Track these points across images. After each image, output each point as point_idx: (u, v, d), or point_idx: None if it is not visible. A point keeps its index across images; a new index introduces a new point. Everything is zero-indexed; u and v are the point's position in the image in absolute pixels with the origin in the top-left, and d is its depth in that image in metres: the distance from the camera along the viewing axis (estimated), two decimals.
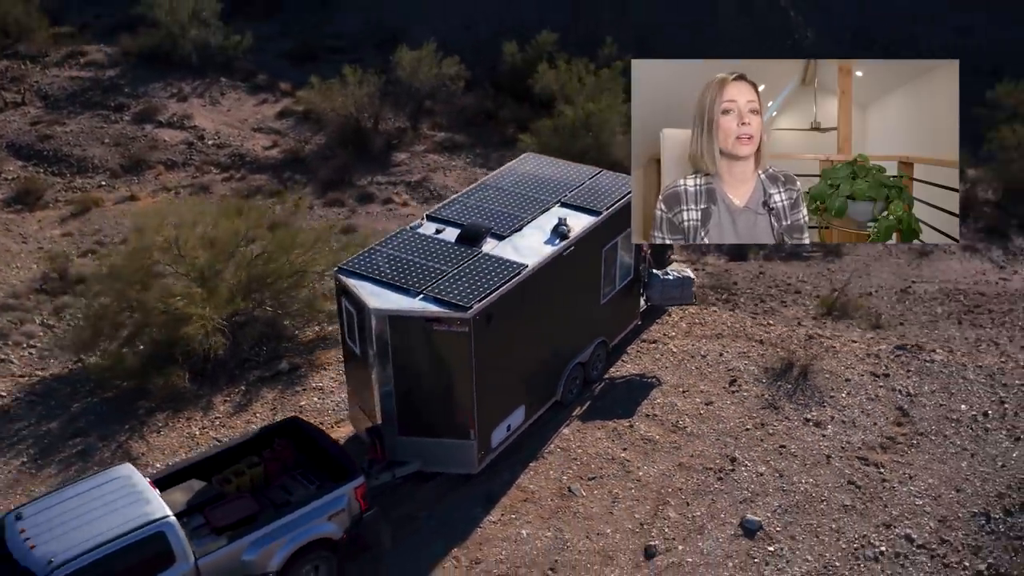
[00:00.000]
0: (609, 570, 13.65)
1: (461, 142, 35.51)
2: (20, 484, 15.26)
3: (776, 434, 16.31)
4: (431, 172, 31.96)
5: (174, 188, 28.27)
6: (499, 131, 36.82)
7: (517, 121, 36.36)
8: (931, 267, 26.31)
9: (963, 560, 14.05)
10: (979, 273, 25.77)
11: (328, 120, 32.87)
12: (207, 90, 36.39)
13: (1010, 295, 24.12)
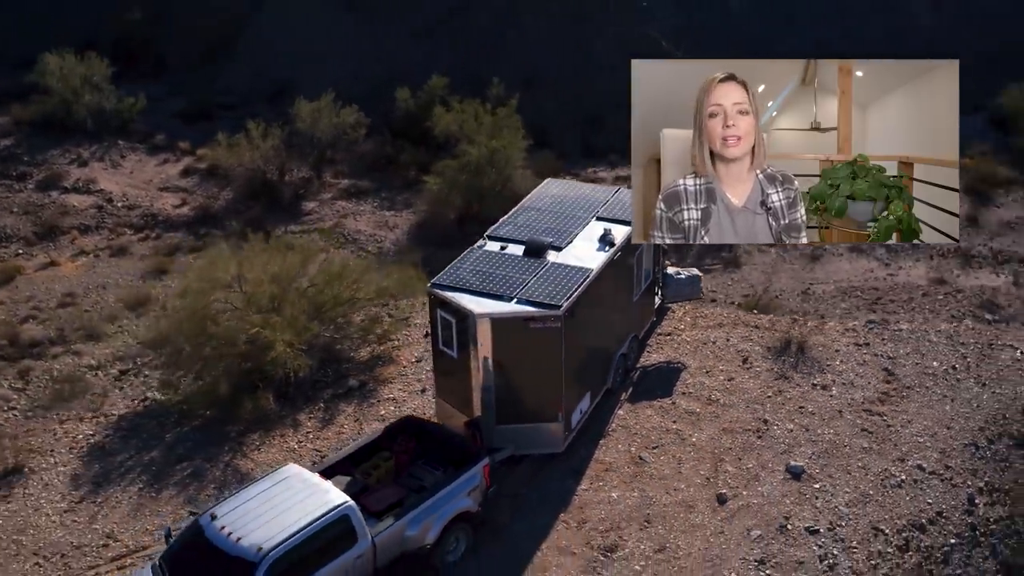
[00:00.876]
0: (693, 516, 16.56)
1: (366, 187, 37.79)
2: (145, 507, 17.10)
3: (793, 398, 19.60)
4: (342, 218, 34.28)
5: (92, 251, 29.66)
6: (401, 175, 39.21)
7: (418, 164, 38.75)
8: (824, 269, 30.13)
9: (965, 480, 17.53)
10: (868, 271, 29.66)
11: (235, 175, 34.49)
12: (106, 154, 37.59)
13: (902, 287, 28.12)
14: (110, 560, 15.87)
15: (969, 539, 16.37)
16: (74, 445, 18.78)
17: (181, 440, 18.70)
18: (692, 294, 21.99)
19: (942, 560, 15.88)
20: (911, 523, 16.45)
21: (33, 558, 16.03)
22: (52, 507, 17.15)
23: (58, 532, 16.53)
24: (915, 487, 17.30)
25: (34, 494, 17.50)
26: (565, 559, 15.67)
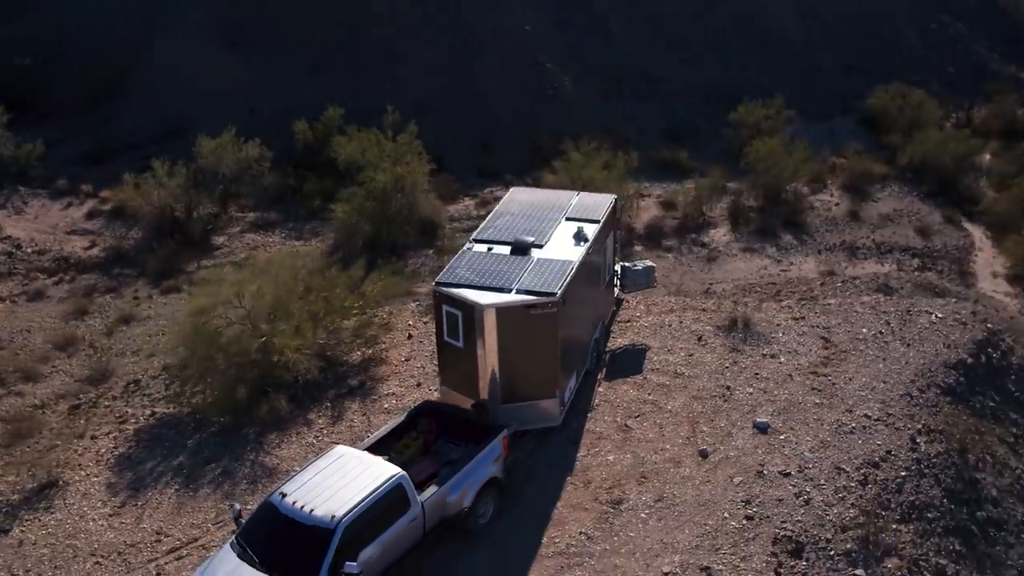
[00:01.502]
0: (681, 470, 19.15)
1: (273, 219, 39.84)
2: (186, 505, 18.82)
3: (748, 367, 22.45)
4: (253, 250, 36.02)
5: (8, 297, 30.73)
6: (306, 205, 41.30)
7: (322, 194, 40.85)
8: (721, 269, 33.46)
9: (905, 424, 20.59)
10: (762, 268, 33.05)
11: (143, 214, 35.63)
12: (8, 200, 38.64)
13: (797, 280, 31.55)
14: (166, 552, 17.55)
15: (916, 471, 19.41)
16: (99, 459, 20.30)
17: (203, 445, 20.43)
18: (648, 284, 24.76)
19: (896, 490, 18.84)
20: (866, 462, 19.38)
21: (91, 558, 17.58)
22: (96, 512, 18.69)
23: (109, 534, 18.11)
24: (865, 432, 20.26)
25: (75, 503, 19.01)
26: (579, 513, 18.05)
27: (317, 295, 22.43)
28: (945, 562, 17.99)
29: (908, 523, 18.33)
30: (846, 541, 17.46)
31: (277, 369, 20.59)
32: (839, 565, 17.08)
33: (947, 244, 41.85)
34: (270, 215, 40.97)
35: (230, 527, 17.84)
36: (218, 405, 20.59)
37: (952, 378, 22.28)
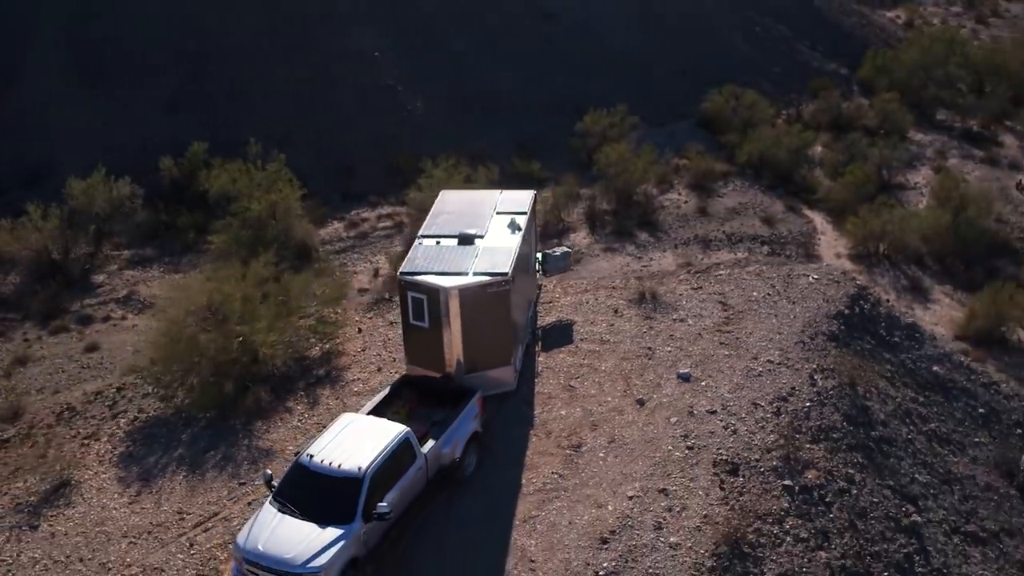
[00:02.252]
0: (625, 416, 22.77)
1: (149, 255, 42.15)
2: (198, 487, 21.37)
3: (662, 331, 26.32)
4: (134, 286, 38.46)
5: None
6: (179, 239, 43.49)
7: (194, 227, 43.03)
8: (586, 269, 37.12)
9: (803, 366, 24.71)
10: (624, 265, 36.79)
11: (20, 259, 37.14)
12: None
13: (659, 273, 35.56)
14: (192, 527, 20.09)
15: (818, 402, 23.54)
16: (101, 459, 22.57)
17: (198, 438, 22.92)
18: (566, 268, 28.41)
19: (804, 417, 22.92)
20: (776, 397, 23.41)
21: (124, 540, 19.96)
22: (116, 503, 21.02)
23: (134, 518, 20.49)
24: (771, 375, 24.33)
25: (93, 497, 21.28)
26: (547, 458, 21.45)
27: (274, 299, 25.15)
28: (852, 471, 22.10)
29: (818, 443, 22.40)
30: (771, 459, 21.37)
31: (256, 364, 23.27)
32: (769, 478, 20.96)
33: (791, 231, 46.87)
34: (145, 251, 42.97)
35: (245, 500, 20.60)
36: (204, 401, 23.11)
37: (834, 327, 26.66)
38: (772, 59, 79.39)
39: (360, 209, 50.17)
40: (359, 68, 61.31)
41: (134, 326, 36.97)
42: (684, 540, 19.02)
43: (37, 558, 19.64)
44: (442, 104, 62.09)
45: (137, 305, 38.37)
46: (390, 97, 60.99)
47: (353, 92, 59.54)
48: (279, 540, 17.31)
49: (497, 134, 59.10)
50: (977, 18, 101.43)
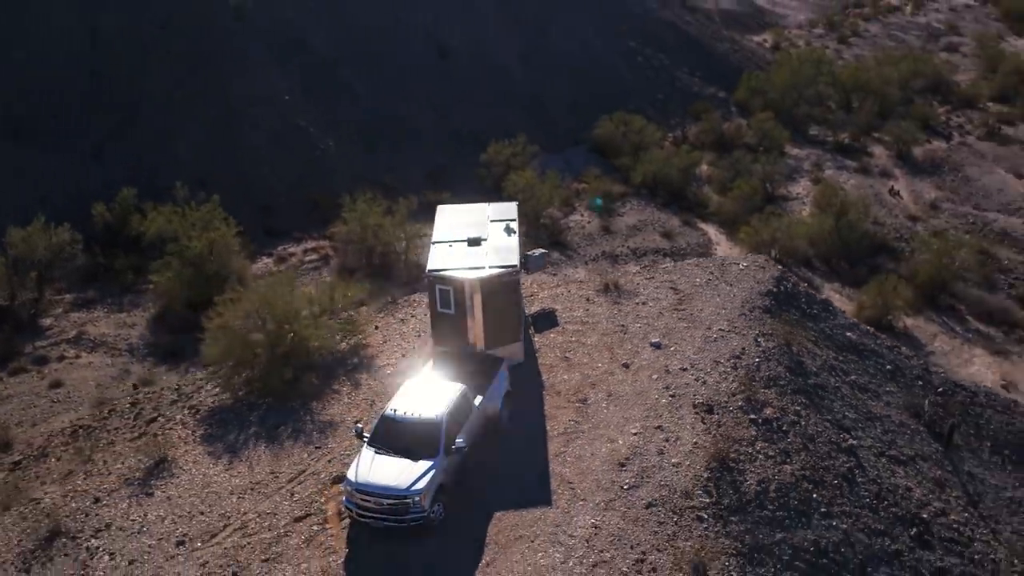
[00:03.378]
0: (616, 377, 28.73)
1: (92, 297, 46.92)
2: (281, 454, 26.51)
3: (630, 312, 32.54)
4: (82, 327, 43.31)
5: None
6: (119, 280, 48.51)
7: (132, 268, 48.27)
8: None
9: (748, 331, 31.19)
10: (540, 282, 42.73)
11: None
12: None
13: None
14: (287, 482, 25.27)
15: (764, 358, 29.95)
16: (185, 441, 27.51)
17: (265, 418, 28.04)
18: (543, 267, 34.46)
19: (756, 369, 29.28)
20: (731, 355, 29.77)
21: (232, 496, 24.99)
22: (214, 471, 26.02)
23: (235, 480, 25.54)
24: (723, 340, 30.71)
25: (191, 468, 26.22)
26: (562, 410, 27.35)
27: (311, 302, 30.54)
28: (799, 408, 28.50)
29: (769, 388, 28.80)
30: (737, 401, 27.65)
31: (306, 356, 28.62)
32: (737, 415, 27.20)
33: (689, 242, 54.13)
34: (87, 294, 47.65)
35: (325, 459, 25.91)
36: (268, 387, 28.32)
37: (767, 302, 33.28)
38: (655, 86, 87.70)
39: (285, 244, 55.66)
40: (271, 111, 66.64)
41: (90, 363, 41.80)
42: (683, 460, 25.08)
43: (162, 515, 24.55)
44: (352, 142, 67.93)
45: (88, 344, 43.25)
46: (303, 138, 66.47)
47: (268, 134, 64.86)
48: (383, 473, 22.76)
49: (406, 168, 65.25)
50: (839, 39, 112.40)
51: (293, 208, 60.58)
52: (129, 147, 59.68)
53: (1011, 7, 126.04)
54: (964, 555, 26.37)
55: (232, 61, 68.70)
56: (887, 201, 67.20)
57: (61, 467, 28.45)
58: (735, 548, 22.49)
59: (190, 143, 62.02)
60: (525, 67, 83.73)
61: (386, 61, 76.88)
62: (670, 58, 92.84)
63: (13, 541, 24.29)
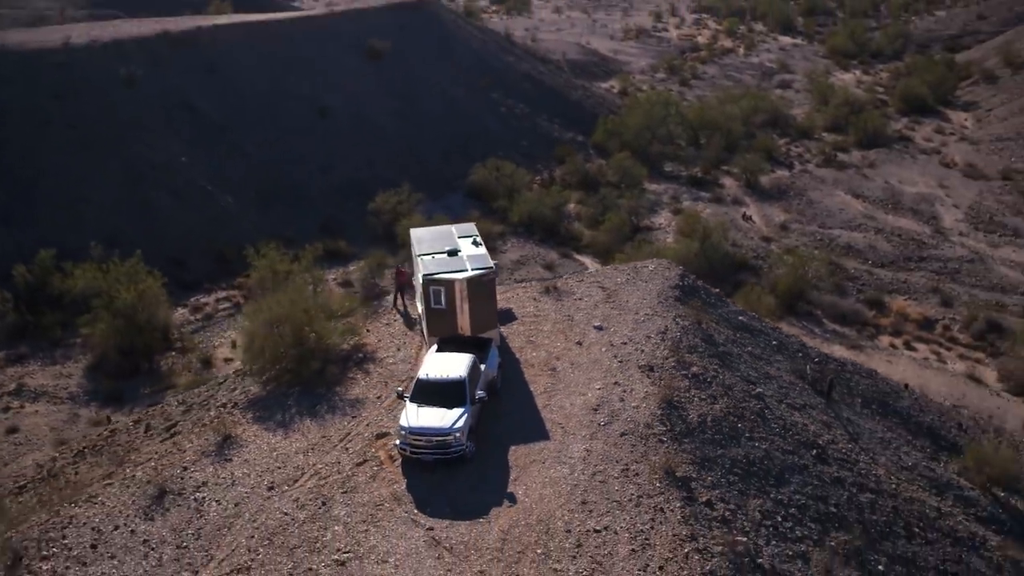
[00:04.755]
0: (574, 351, 37.91)
1: (24, 352, 54.38)
2: (325, 424, 34.59)
3: (571, 305, 41.84)
4: (20, 380, 51.18)
5: None
6: (48, 335, 56.14)
7: (60, 323, 55.79)
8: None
9: (666, 313, 40.84)
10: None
11: None
12: None
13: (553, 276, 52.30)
14: (340, 441, 33.47)
15: (683, 332, 39.63)
16: (239, 423, 35.59)
17: (300, 401, 36.13)
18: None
19: (679, 340, 38.76)
20: (658, 331, 39.50)
21: (297, 455, 32.89)
22: (274, 440, 34.00)
23: (294, 445, 33.56)
24: (650, 321, 40.40)
25: (254, 440, 34.18)
26: (538, 376, 36.35)
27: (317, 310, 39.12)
28: (716, 367, 38.18)
29: (692, 353, 38.59)
30: (671, 362, 37.25)
31: (324, 351, 37.23)
32: (672, 372, 36.60)
33: (570, 272, 64.52)
34: (19, 350, 54.84)
35: (364, 423, 34.34)
36: (298, 377, 36.73)
37: (676, 293, 43.24)
38: (519, 134, 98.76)
39: (198, 295, 63.89)
40: (172, 172, 74.81)
41: (36, 411, 49.27)
42: (640, 403, 34.47)
43: (246, 472, 32.50)
44: (247, 198, 76.54)
45: (30, 395, 50.84)
46: (203, 196, 74.76)
47: (170, 194, 73.01)
48: (428, 419, 31.50)
49: (299, 220, 74.25)
50: (681, 81, 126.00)
51: (201, 261, 68.45)
52: (35, 212, 66.81)
53: (835, 45, 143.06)
54: (853, 470, 36.23)
55: (128, 127, 76.41)
56: (742, 226, 79.56)
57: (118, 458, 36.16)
58: (690, 459, 31.87)
59: (95, 206, 69.44)
60: (399, 122, 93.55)
61: (270, 122, 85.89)
62: (530, 107, 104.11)
63: (128, 501, 31.89)
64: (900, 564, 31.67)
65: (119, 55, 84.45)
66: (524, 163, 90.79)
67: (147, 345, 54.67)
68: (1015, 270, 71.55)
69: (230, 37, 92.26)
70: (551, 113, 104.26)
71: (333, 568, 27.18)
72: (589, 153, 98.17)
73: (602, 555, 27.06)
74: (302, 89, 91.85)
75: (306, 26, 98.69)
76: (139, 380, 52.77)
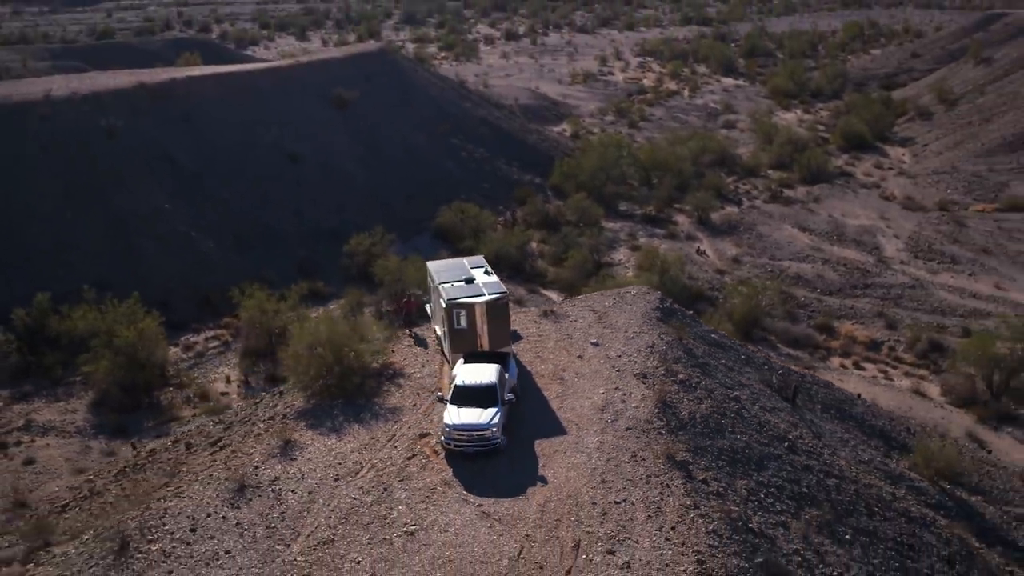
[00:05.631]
0: (577, 364, 45.09)
1: (28, 390, 61.01)
2: (372, 429, 41.62)
3: (568, 326, 48.98)
4: (28, 416, 57.66)
5: None
6: (49, 374, 62.87)
7: (63, 362, 62.53)
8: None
9: (652, 331, 48.37)
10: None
11: None
12: None
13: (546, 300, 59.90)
14: (387, 441, 40.49)
15: (668, 346, 47.01)
16: (294, 432, 42.54)
17: (344, 411, 42.72)
18: None
19: (666, 353, 46.24)
20: (647, 346, 46.94)
21: (353, 452, 39.84)
22: (329, 442, 40.57)
23: (348, 445, 40.26)
24: (638, 337, 47.81)
25: (313, 443, 40.81)
26: (550, 384, 43.36)
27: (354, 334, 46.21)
28: (699, 375, 45.73)
29: (677, 364, 45.92)
30: (660, 370, 44.48)
31: (362, 368, 44.35)
32: (663, 378, 43.62)
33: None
34: (24, 388, 61.22)
35: (407, 425, 41.43)
36: (343, 390, 43.75)
37: (658, 314, 50.76)
38: (480, 177, 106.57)
39: (187, 335, 70.62)
40: (154, 220, 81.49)
41: (47, 444, 55.76)
42: (639, 404, 41.83)
43: (312, 468, 38.93)
44: (227, 243, 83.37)
45: (39, 430, 57.18)
46: (185, 241, 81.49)
47: (154, 240, 79.69)
48: (468, 417, 38.52)
49: (277, 263, 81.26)
50: (629, 124, 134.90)
51: (185, 303, 75.17)
52: (26, 257, 73.63)
53: (776, 85, 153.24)
54: (819, 460, 43.44)
55: (110, 176, 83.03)
56: (696, 260, 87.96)
57: (190, 463, 42.92)
58: (686, 447, 39.20)
59: (83, 252, 75.89)
60: (365, 168, 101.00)
61: (244, 170, 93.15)
62: (489, 151, 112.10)
63: (212, 495, 38.55)
64: (864, 535, 38.82)
65: (98, 107, 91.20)
66: (486, 205, 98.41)
67: (147, 381, 61.05)
68: (953, 294, 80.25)
69: (203, 88, 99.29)
70: (509, 156, 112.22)
71: (404, 538, 34.04)
72: (547, 194, 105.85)
73: (624, 521, 34.18)
74: (272, 137, 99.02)
75: (274, 77, 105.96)
76: (141, 414, 59.34)
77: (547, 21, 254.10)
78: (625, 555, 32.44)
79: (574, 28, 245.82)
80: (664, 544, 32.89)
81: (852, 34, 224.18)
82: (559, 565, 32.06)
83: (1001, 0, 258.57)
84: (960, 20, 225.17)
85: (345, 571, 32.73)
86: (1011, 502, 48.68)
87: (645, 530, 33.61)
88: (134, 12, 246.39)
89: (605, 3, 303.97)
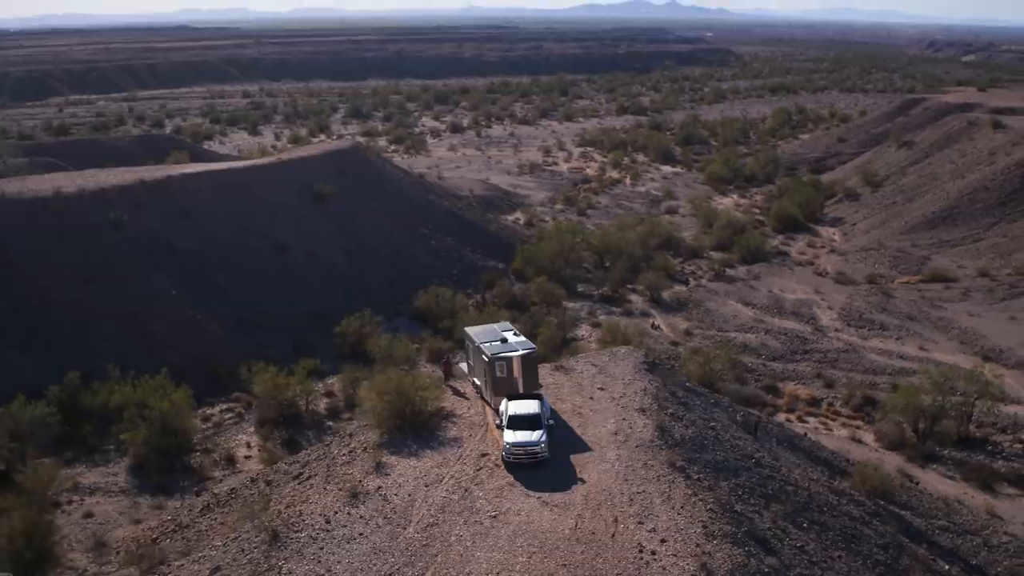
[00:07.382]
0: (589, 403, 61.82)
1: (69, 457, 73.99)
2: (441, 451, 57.40)
3: (576, 377, 65.33)
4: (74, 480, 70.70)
5: None
6: (86, 443, 76.43)
7: (97, 433, 76.32)
8: None
9: (644, 378, 65.30)
10: None
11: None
12: None
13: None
14: (457, 460, 56.62)
15: (658, 389, 64.97)
16: (378, 457, 59.03)
17: (414, 442, 58.31)
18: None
19: (656, 393, 63.97)
20: (641, 390, 63.08)
21: (434, 468, 55.50)
22: (412, 462, 55.59)
23: (428, 463, 55.27)
24: (633, 383, 63.86)
25: (398, 464, 55.91)
26: (572, 418, 59.94)
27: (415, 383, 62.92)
28: (683, 410, 63.03)
29: (667, 402, 62.15)
30: (654, 405, 60.44)
31: (425, 410, 61.08)
32: (657, 412, 60.87)
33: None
34: (66, 455, 74.80)
35: (469, 448, 58.03)
36: (415, 427, 60.41)
37: (644, 367, 66.59)
38: (448, 263, 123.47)
39: (203, 408, 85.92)
40: (164, 303, 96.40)
41: (97, 502, 70.82)
42: (643, 429, 58.21)
43: (406, 479, 54.34)
44: (230, 325, 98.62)
45: (86, 490, 71.03)
46: (193, 324, 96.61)
47: (166, 322, 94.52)
48: (522, 437, 54.87)
49: (276, 343, 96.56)
50: (578, 211, 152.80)
51: (197, 379, 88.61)
52: (50, 340, 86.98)
53: (712, 172, 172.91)
54: (779, 473, 60.75)
55: (121, 265, 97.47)
56: (652, 333, 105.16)
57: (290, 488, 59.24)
58: (682, 458, 55.59)
59: (102, 334, 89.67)
60: (346, 256, 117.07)
61: (239, 259, 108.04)
62: (455, 239, 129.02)
63: (330, 501, 54.37)
64: (817, 525, 55.44)
65: (104, 202, 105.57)
66: (456, 288, 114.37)
67: (179, 446, 75.10)
68: (883, 356, 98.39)
69: (197, 184, 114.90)
70: (473, 244, 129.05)
71: (490, 520, 50.13)
72: (511, 279, 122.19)
73: (646, 503, 50.67)
74: (262, 229, 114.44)
75: (260, 173, 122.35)
76: (175, 475, 73.26)
77: (489, 113, 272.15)
78: (650, 524, 48.65)
79: (515, 120, 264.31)
80: (677, 517, 49.16)
81: (781, 120, 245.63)
82: (606, 531, 48.29)
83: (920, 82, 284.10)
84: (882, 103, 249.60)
85: (453, 541, 48.49)
86: (935, 516, 65.34)
87: (662, 508, 50.03)
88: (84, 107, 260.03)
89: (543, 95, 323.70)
